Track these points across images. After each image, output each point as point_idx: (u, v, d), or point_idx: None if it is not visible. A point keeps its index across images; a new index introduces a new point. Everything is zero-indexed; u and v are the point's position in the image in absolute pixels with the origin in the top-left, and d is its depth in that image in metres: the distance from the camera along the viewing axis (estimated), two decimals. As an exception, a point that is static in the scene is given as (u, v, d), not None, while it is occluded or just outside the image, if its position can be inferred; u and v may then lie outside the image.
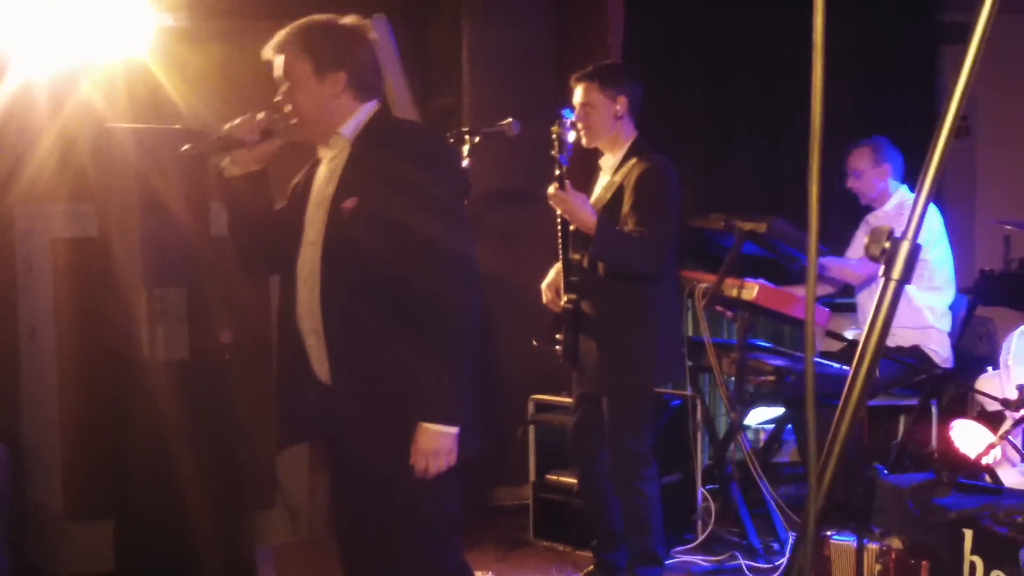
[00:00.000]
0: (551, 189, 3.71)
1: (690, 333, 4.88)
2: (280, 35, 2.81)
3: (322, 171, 2.85)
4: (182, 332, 5.36)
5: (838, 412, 1.38)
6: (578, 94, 3.96)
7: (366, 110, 2.81)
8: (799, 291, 4.83)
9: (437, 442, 2.63)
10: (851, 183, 4.96)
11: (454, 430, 2.64)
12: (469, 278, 2.71)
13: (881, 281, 1.36)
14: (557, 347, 4.00)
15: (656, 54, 5.69)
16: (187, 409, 4.94)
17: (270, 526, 5.86)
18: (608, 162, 4.03)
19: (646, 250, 3.75)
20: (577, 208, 3.64)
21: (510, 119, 3.82)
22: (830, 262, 4.82)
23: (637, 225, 3.73)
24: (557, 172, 3.70)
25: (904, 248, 1.33)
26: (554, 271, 4.08)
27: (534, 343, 4.39)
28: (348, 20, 2.84)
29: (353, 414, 2.74)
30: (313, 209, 2.80)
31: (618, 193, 3.84)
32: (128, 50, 5.20)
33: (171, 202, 4.86)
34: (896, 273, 1.33)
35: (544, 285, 4.10)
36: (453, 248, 2.68)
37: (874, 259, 1.35)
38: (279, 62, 2.78)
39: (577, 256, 3.89)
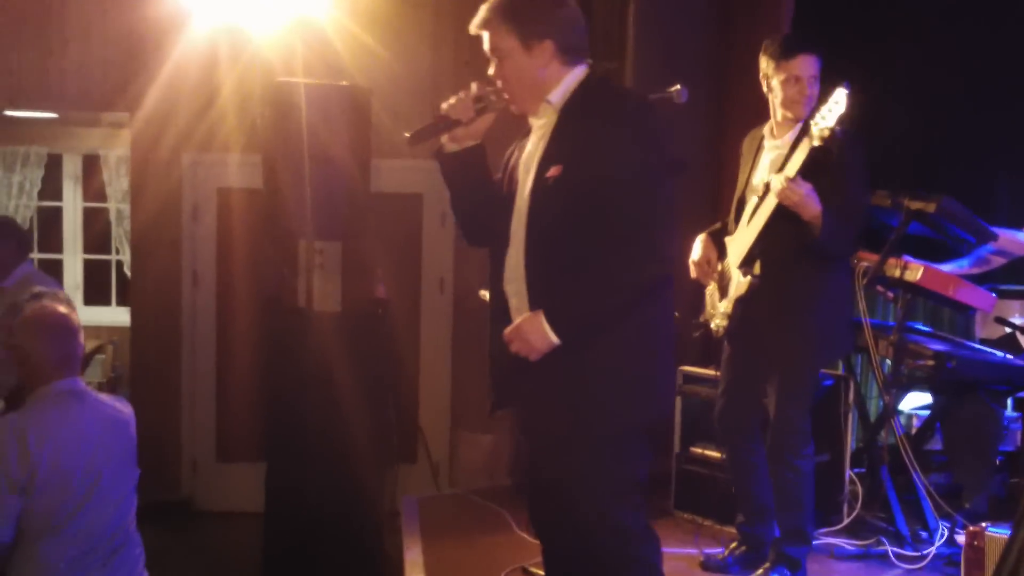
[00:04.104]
0: (782, 179, 3.65)
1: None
2: (482, 11, 2.77)
3: (532, 138, 2.84)
4: (336, 284, 5.50)
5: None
6: (805, 66, 3.78)
7: (575, 75, 2.79)
8: (946, 267, 4.69)
9: (535, 333, 2.66)
10: None
11: (553, 340, 2.65)
12: (654, 249, 2.68)
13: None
14: (717, 324, 3.95)
15: (828, 16, 5.48)
16: (338, 360, 5.07)
17: (412, 480, 6.00)
18: (779, 136, 3.91)
19: (857, 233, 3.81)
20: (807, 198, 3.62)
21: (679, 86, 3.71)
22: (1002, 232, 4.62)
23: (845, 206, 3.70)
24: (799, 159, 3.65)
25: None
26: (700, 245, 4.01)
27: (676, 315, 4.33)
28: None
29: (541, 372, 2.73)
30: (523, 175, 2.81)
31: (816, 165, 3.73)
32: (300, 6, 5.32)
33: (335, 157, 4.98)
34: None
35: (694, 261, 4.02)
36: (644, 219, 2.66)
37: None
38: (485, 38, 2.77)
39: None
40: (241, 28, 5.18)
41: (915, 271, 4.24)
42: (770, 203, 3.74)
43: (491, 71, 2.81)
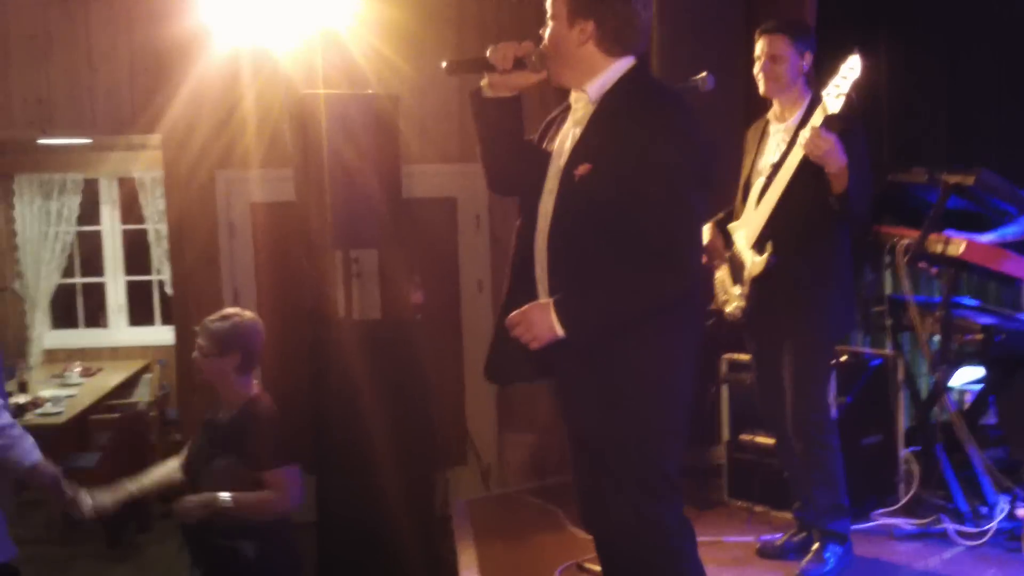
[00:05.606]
0: (808, 130, 3.63)
1: (889, 291, 4.71)
2: None
3: (569, 120, 2.81)
4: (375, 292, 5.50)
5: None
6: (764, 45, 3.85)
7: (617, 68, 2.73)
8: (988, 239, 4.61)
9: (541, 322, 2.63)
10: None
11: (558, 332, 2.62)
12: (676, 263, 2.63)
13: None
14: (734, 307, 3.93)
15: (851, 13, 5.43)
16: (380, 367, 5.07)
17: (463, 483, 6.00)
18: (783, 119, 3.91)
19: (870, 196, 3.77)
20: (835, 147, 3.59)
21: (705, 73, 3.69)
22: None
23: (861, 167, 3.68)
24: (827, 112, 3.62)
25: None
26: (708, 231, 3.99)
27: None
28: None
29: (565, 363, 2.73)
30: (555, 158, 2.78)
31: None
32: (321, 18, 5.32)
33: (365, 165, 4.98)
34: None
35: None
36: (669, 229, 2.61)
37: None
38: None
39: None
40: (265, 43, 5.20)
41: (958, 245, 4.17)
42: (781, 182, 3.75)
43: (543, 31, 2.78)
